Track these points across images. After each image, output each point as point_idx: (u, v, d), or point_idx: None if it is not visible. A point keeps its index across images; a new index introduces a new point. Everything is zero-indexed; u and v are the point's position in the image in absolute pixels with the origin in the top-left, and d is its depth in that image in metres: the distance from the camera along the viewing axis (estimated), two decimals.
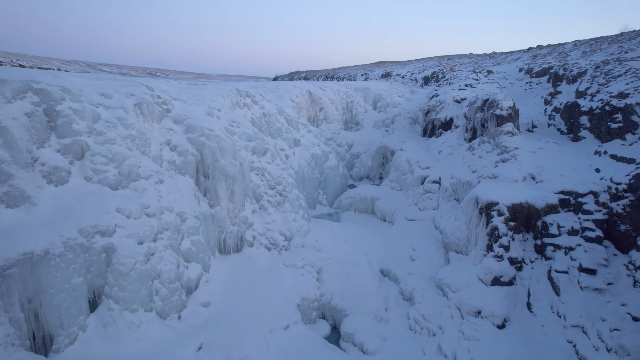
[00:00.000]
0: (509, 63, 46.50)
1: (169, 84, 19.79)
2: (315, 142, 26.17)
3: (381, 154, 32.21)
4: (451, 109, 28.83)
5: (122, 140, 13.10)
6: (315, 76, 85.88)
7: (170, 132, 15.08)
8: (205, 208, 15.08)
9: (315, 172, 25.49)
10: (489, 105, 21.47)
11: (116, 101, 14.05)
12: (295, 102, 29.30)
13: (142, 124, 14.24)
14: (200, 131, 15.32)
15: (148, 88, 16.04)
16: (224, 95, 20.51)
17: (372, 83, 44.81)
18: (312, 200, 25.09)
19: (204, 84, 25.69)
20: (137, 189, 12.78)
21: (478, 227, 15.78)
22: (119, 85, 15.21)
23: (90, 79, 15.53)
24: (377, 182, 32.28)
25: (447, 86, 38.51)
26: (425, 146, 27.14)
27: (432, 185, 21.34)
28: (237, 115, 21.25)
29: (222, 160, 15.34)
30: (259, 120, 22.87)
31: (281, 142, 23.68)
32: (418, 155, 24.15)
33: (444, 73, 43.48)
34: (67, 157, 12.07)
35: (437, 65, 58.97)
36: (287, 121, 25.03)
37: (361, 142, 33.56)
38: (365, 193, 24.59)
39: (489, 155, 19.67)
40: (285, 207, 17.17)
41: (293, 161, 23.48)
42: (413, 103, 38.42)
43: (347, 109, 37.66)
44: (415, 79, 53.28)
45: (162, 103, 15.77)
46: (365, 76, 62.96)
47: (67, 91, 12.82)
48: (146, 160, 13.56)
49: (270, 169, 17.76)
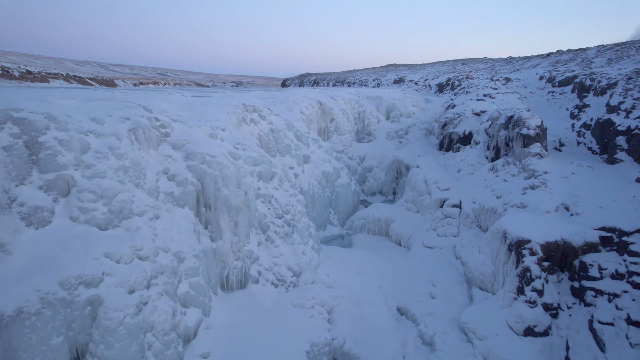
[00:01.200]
0: (527, 70, 44.63)
1: (170, 101, 18.54)
2: (326, 158, 24.76)
3: (395, 168, 30.71)
4: (470, 123, 27.23)
5: (114, 172, 11.82)
6: (325, 80, 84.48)
7: (168, 160, 13.78)
8: (207, 243, 13.75)
9: (326, 190, 24.08)
10: (514, 123, 19.86)
11: (109, 127, 12.77)
12: (305, 114, 27.92)
13: (137, 151, 12.95)
14: (201, 158, 14.00)
15: (145, 109, 14.76)
16: (229, 112, 19.19)
17: (385, 91, 43.28)
18: (323, 221, 23.69)
19: (210, 96, 24.46)
20: (129, 228, 11.48)
21: (506, 264, 14.24)
22: (114, 108, 13.95)
23: (82, 100, 14.30)
24: (391, 197, 30.81)
25: (464, 95, 36.89)
26: (442, 162, 25.55)
27: (451, 210, 19.79)
28: (244, 132, 19.94)
29: (225, 190, 14.00)
30: (267, 136, 21.53)
31: (290, 159, 22.33)
32: (436, 175, 22.59)
33: (460, 81, 41.81)
34: (51, 194, 10.81)
35: (452, 70, 57.21)
36: (296, 136, 23.66)
37: (374, 155, 32.08)
38: (379, 214, 23.11)
39: (515, 179, 18.07)
40: (294, 239, 15.78)
41: (302, 180, 22.12)
42: (428, 113, 36.83)
43: (358, 119, 36.24)
44: (429, 85, 51.66)
45: (161, 126, 14.48)
46: (377, 81, 61.41)
47: (52, 119, 11.57)
48: (140, 194, 12.26)
49: (278, 196, 16.38)
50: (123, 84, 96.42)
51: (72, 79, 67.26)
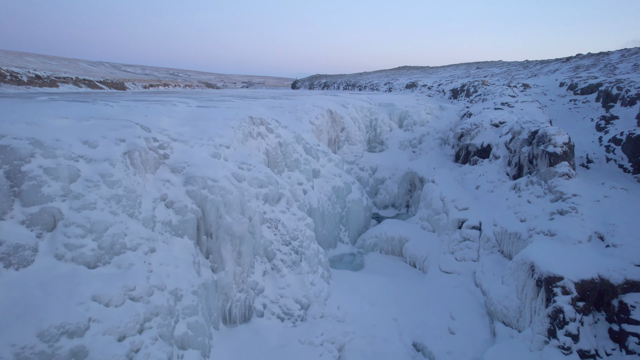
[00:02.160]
0: (546, 75, 42.99)
1: (172, 115, 17.54)
2: (337, 172, 23.59)
3: (408, 180, 29.46)
4: (488, 134, 25.87)
5: (105, 203, 10.79)
6: (335, 83, 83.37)
7: (166, 185, 12.73)
8: (207, 275, 12.68)
9: (337, 206, 22.92)
10: (539, 139, 18.50)
11: (102, 151, 11.76)
12: (315, 124, 26.79)
13: (133, 177, 11.92)
14: (202, 182, 12.94)
15: (143, 129, 13.74)
16: (235, 127, 18.12)
17: (398, 97, 41.99)
18: (333, 238, 22.54)
19: (216, 107, 23.48)
20: (121, 265, 10.44)
21: (534, 301, 12.95)
22: (109, 127, 12.94)
23: (76, 119, 13.31)
24: (404, 210, 29.58)
25: (480, 103, 35.49)
26: (459, 177, 24.23)
27: (471, 232, 18.49)
28: (250, 147, 18.87)
29: (228, 217, 12.92)
30: (275, 151, 20.45)
31: (299, 174, 21.23)
32: (453, 192, 21.28)
33: (476, 87, 40.37)
34: (34, 229, 9.81)
35: (466, 74, 55.63)
36: (305, 150, 22.54)
37: (386, 166, 30.84)
38: (393, 232, 21.87)
39: (541, 202, 16.74)
40: (302, 268, 14.65)
41: (312, 197, 21.00)
42: (442, 121, 35.50)
43: (370, 127, 35.05)
44: (442, 91, 50.26)
45: (159, 147, 13.45)
46: (389, 86, 60.08)
47: (38, 144, 10.59)
48: (134, 226, 11.22)
49: (285, 220, 15.26)
50: (133, 87, 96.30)
51: (82, 82, 67.05)
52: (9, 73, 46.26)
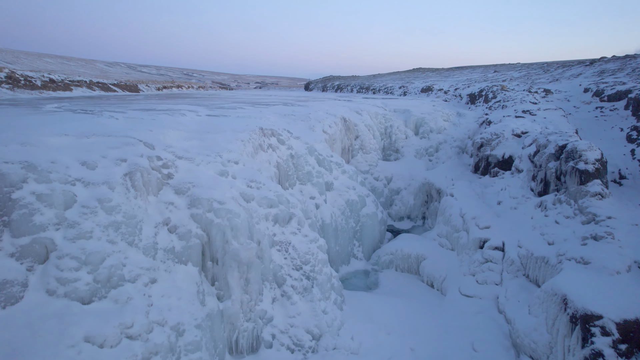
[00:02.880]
0: (568, 80, 41.37)
1: (179, 128, 16.78)
2: (350, 184, 22.62)
3: (425, 191, 28.34)
4: (510, 145, 24.65)
5: (102, 231, 10.01)
6: (349, 85, 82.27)
7: (169, 208, 11.93)
8: (213, 304, 11.84)
9: (350, 220, 21.95)
10: (568, 154, 17.28)
11: (101, 172, 11.00)
12: (328, 133, 25.87)
13: (134, 200, 11.14)
14: (207, 205, 12.10)
15: (147, 146, 12.97)
16: (244, 140, 17.31)
17: (413, 103, 40.82)
18: (346, 254, 21.58)
19: (226, 115, 22.79)
20: (118, 299, 9.65)
21: (568, 339, 11.81)
22: (110, 146, 12.20)
23: (76, 136, 12.61)
24: (420, 222, 28.49)
25: (500, 110, 34.18)
26: (479, 190, 23.05)
27: (493, 253, 17.36)
28: (260, 160, 18.04)
29: (234, 243, 12.07)
30: (286, 163, 19.60)
31: (311, 188, 20.34)
32: (474, 208, 20.13)
33: (495, 92, 38.98)
34: (24, 262, 9.07)
35: (483, 78, 54.10)
36: (318, 162, 21.63)
37: (402, 176, 29.74)
38: (409, 249, 20.82)
39: (570, 223, 15.55)
40: (314, 294, 13.73)
41: (324, 212, 20.08)
42: (460, 128, 34.24)
43: (385, 135, 33.98)
44: (459, 95, 48.89)
45: (163, 166, 12.66)
46: (404, 89, 58.83)
47: (31, 168, 9.86)
48: (134, 255, 10.43)
49: (296, 242, 14.36)
50: (146, 89, 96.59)
51: (96, 85, 67.18)
52: (23, 78, 46.31)
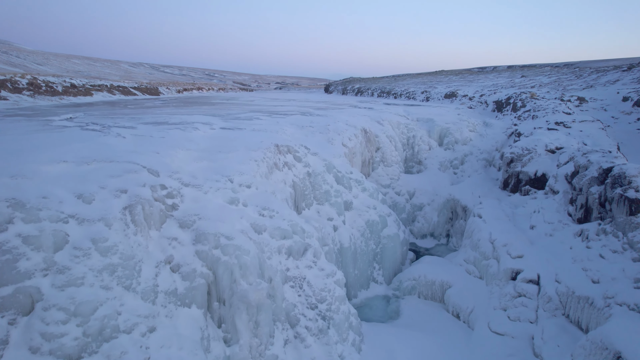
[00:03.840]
0: (604, 87, 39.02)
1: (189, 147, 15.80)
2: (371, 203, 21.32)
3: (449, 208, 26.80)
4: (543, 162, 22.95)
5: (96, 276, 9.02)
6: (369, 89, 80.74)
7: (173, 244, 10.90)
8: (218, 350, 10.75)
9: (370, 242, 20.66)
10: (614, 180, 15.59)
11: (97, 206, 10.03)
12: (348, 147, 24.62)
13: (133, 237, 10.14)
14: (214, 241, 11.03)
15: (151, 173, 11.98)
16: (258, 160, 16.23)
17: (437, 111, 39.19)
18: (365, 278, 20.29)
19: (241, 128, 21.83)
20: (110, 354, 8.62)
21: None
22: (110, 174, 11.24)
23: (76, 162, 11.70)
24: (444, 240, 26.99)
25: (530, 120, 32.30)
26: (509, 211, 21.44)
27: (527, 287, 15.80)
28: (275, 180, 16.95)
29: (243, 283, 10.96)
30: (302, 182, 18.47)
31: (329, 208, 19.15)
32: (504, 234, 18.56)
33: (524, 101, 37.01)
34: (6, 315, 8.13)
35: (510, 84, 51.88)
36: (336, 179, 20.41)
37: (425, 190, 28.24)
38: (433, 275, 19.40)
39: (619, 259, 13.91)
40: (330, 337, 12.52)
41: (343, 234, 18.87)
42: (487, 140, 32.51)
43: (407, 145, 32.52)
44: (485, 102, 46.93)
45: (167, 196, 11.65)
46: (426, 94, 57.05)
47: (19, 206, 8.94)
48: (131, 300, 9.42)
49: (311, 277, 13.17)
50: (167, 91, 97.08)
51: (116, 89, 67.55)
52: (44, 84, 46.52)
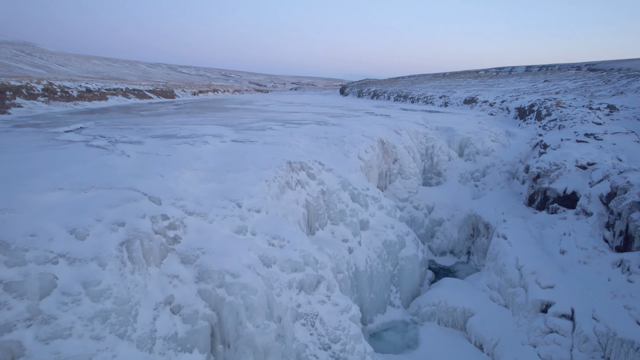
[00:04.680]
0: (636, 93, 37.08)
1: (196, 167, 14.94)
2: (389, 222, 20.18)
3: (470, 224, 25.52)
4: (573, 179, 21.50)
5: (85, 325, 8.16)
6: (386, 92, 79.34)
7: (173, 282, 10.00)
8: None
9: (387, 264, 19.54)
10: None
11: (91, 243, 9.18)
12: (364, 160, 23.53)
13: (130, 277, 9.27)
14: (218, 279, 10.09)
15: (152, 200, 11.12)
16: (269, 180, 15.28)
17: (457, 119, 37.82)
18: (382, 302, 19.18)
19: (253, 141, 21.06)
20: None
21: None
22: (108, 203, 10.39)
23: (72, 190, 10.90)
24: (464, 258, 25.72)
25: (556, 130, 30.74)
26: (536, 232, 20.08)
27: (559, 322, 14.49)
28: (287, 201, 16.00)
29: (250, 325, 10.00)
30: (316, 201, 17.49)
31: (344, 229, 18.14)
32: (533, 260, 17.25)
33: (548, 109, 35.35)
34: None
35: (533, 89, 50.00)
36: (352, 197, 19.36)
37: (444, 205, 26.99)
38: (454, 301, 18.18)
39: None
40: None
41: (358, 257, 17.83)
42: (510, 151, 31.06)
43: (426, 156, 31.27)
44: (506, 109, 45.33)
45: (169, 227, 10.76)
46: (445, 100, 55.51)
47: (3, 248, 8.13)
48: (126, 350, 8.53)
49: (324, 314, 12.14)
50: (182, 94, 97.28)
51: (132, 92, 67.63)
52: (60, 89, 46.54)
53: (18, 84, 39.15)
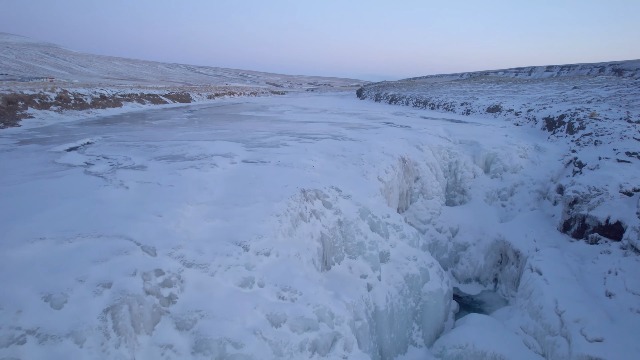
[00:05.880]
0: None
1: (200, 201, 13.56)
2: (411, 253, 18.53)
3: (498, 251, 23.67)
4: (618, 207, 19.49)
5: None
6: (404, 97, 77.32)
7: (166, 354, 8.57)
8: None
9: (409, 300, 17.89)
10: None
11: (69, 312, 7.83)
12: (384, 181, 21.90)
13: (114, 352, 7.88)
14: (218, 350, 8.66)
15: (146, 251, 9.74)
16: (281, 214, 13.82)
17: (482, 131, 35.86)
18: (403, 341, 17.55)
19: (265, 162, 19.79)
20: None
21: None
22: (95, 257, 9.04)
23: (56, 239, 9.58)
24: (490, 286, 23.92)
25: (592, 147, 28.58)
26: (575, 266, 18.18)
27: None
28: (300, 235, 14.54)
29: None
30: (332, 233, 16.00)
31: (362, 263, 16.60)
32: (575, 303, 15.39)
33: (581, 121, 33.07)
34: None
35: (561, 96, 47.47)
36: (371, 226, 17.79)
37: (469, 228, 25.17)
38: (483, 345, 16.43)
39: None
40: None
41: (378, 294, 16.29)
42: (540, 168, 29.05)
43: (449, 172, 29.49)
44: (533, 119, 43.11)
45: (164, 284, 9.36)
46: (467, 107, 53.36)
47: None
48: None
49: None
50: (198, 97, 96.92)
51: (147, 98, 67.17)
52: (74, 96, 46.05)
53: (31, 92, 38.64)
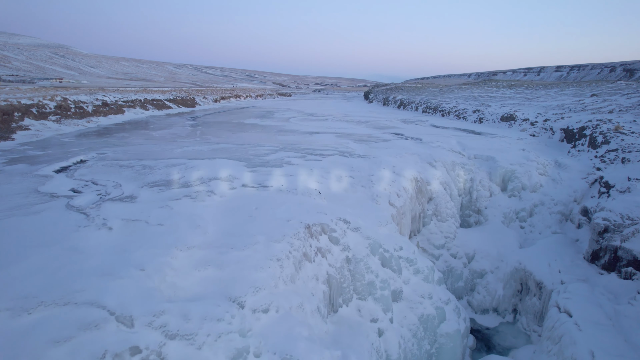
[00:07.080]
0: None
1: (191, 244, 12.08)
2: (426, 290, 16.91)
3: (518, 280, 21.94)
4: None
5: None
6: (413, 103, 75.50)
7: None
8: None
9: (424, 342, 16.27)
10: None
11: None
12: (396, 206, 20.29)
13: None
14: None
15: (121, 322, 8.21)
16: (282, 258, 12.29)
17: (498, 145, 34.07)
18: None
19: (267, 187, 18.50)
20: None
21: None
22: (56, 336, 7.50)
23: (12, 310, 8.05)
24: (509, 317, 22.24)
25: (620, 165, 26.84)
26: (610, 307, 16.45)
27: None
28: (305, 279, 13.04)
29: None
30: (339, 273, 14.47)
31: (372, 305, 15.03)
32: (614, 358, 13.70)
33: (605, 135, 31.20)
34: None
35: (580, 105, 45.43)
36: (382, 261, 16.21)
37: (486, 253, 23.48)
38: None
39: None
40: None
41: (390, 340, 14.69)
42: (562, 187, 27.28)
43: (464, 190, 27.78)
44: (550, 129, 41.23)
45: None
46: (479, 114, 51.50)
47: None
48: None
49: None
50: (203, 101, 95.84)
51: (150, 103, 66.06)
52: (74, 104, 44.92)
53: (29, 102, 37.47)
